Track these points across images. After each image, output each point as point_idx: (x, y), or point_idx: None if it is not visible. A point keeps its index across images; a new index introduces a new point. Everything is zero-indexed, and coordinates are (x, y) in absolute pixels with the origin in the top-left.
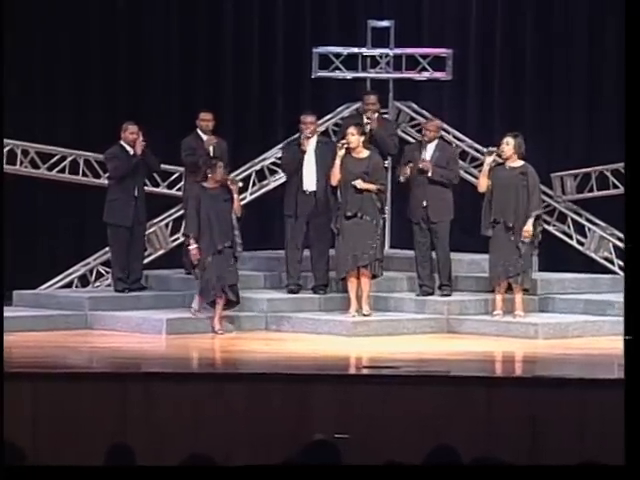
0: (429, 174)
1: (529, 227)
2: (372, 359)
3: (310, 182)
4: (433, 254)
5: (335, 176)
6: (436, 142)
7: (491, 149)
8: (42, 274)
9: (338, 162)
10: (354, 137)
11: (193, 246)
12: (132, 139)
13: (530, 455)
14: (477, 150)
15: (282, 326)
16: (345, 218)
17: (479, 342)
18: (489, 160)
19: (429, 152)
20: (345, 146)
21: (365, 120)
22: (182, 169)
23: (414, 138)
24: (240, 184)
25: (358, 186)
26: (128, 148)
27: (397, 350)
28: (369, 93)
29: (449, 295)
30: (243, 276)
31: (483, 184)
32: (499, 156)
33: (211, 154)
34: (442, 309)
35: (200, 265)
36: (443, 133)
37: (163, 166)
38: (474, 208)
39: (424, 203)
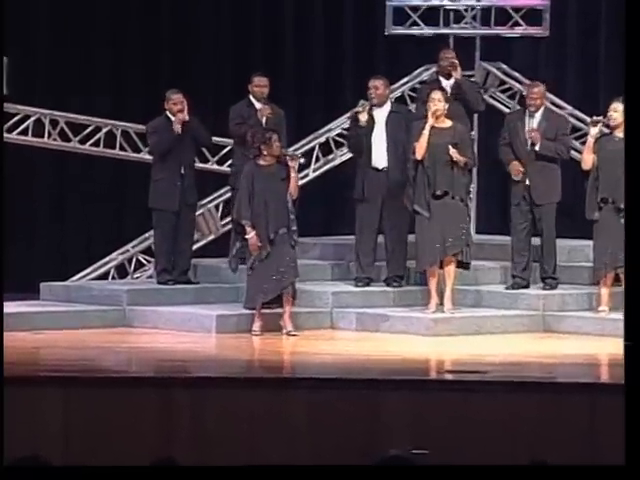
0: (537, 147)
1: None
2: (455, 362)
3: (380, 158)
4: (532, 241)
5: (421, 149)
6: (542, 110)
7: (596, 118)
8: (74, 263)
9: (427, 132)
10: (441, 103)
11: (251, 234)
12: (176, 110)
13: None
14: (579, 119)
15: (350, 324)
16: (433, 197)
17: (581, 343)
18: (594, 132)
19: (535, 122)
20: (438, 114)
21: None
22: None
23: (505, 105)
24: (302, 160)
25: (454, 157)
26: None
27: (484, 352)
28: (444, 48)
29: (554, 288)
30: (306, 266)
31: (588, 160)
32: (607, 126)
33: (263, 125)
34: (537, 304)
35: (255, 258)
36: None
37: (213, 139)
38: (576, 187)
39: (527, 182)
